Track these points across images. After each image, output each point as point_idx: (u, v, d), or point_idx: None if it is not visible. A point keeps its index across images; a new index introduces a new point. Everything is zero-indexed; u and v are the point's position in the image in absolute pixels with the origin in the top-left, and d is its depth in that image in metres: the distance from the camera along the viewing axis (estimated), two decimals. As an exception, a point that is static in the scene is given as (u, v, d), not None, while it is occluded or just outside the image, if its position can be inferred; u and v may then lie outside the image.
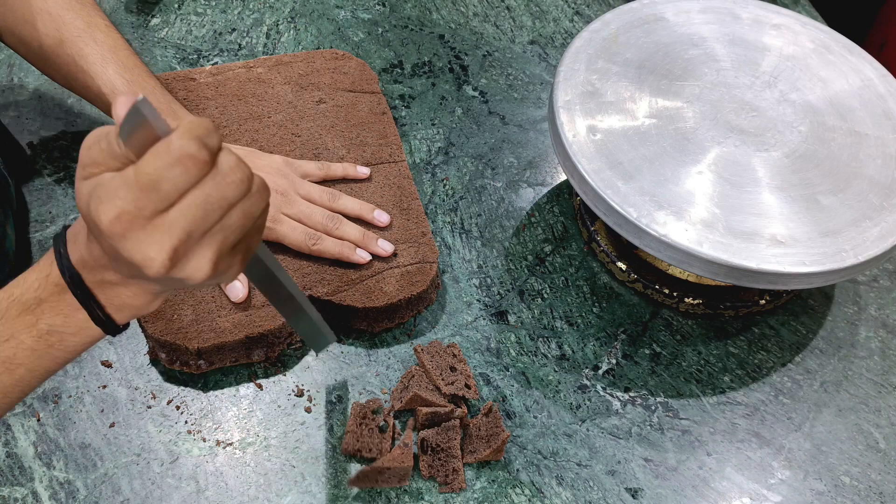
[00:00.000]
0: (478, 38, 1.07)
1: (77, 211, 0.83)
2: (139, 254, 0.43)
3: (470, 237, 0.86)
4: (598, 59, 0.83)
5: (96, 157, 0.43)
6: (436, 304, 0.80)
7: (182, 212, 0.42)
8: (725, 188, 0.74)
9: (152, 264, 0.43)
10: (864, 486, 0.71)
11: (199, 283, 0.45)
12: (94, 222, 0.43)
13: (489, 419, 0.70)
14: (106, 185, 0.42)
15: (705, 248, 0.69)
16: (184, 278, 0.45)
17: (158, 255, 0.43)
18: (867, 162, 0.77)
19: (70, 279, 0.47)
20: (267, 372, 0.74)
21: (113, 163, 0.43)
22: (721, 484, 0.71)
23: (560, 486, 0.70)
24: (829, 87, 0.83)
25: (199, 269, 0.44)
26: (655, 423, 0.74)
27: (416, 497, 0.68)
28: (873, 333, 0.82)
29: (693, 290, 0.81)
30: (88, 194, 0.43)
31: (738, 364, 0.79)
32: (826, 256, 0.70)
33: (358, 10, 1.09)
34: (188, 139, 0.41)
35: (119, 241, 0.42)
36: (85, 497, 0.66)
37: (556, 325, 0.80)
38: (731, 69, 0.84)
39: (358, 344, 0.77)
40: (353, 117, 0.88)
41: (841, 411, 0.76)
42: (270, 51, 1.02)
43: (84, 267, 0.47)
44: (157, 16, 1.04)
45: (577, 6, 1.13)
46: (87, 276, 0.48)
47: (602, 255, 0.84)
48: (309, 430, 0.71)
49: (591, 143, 0.76)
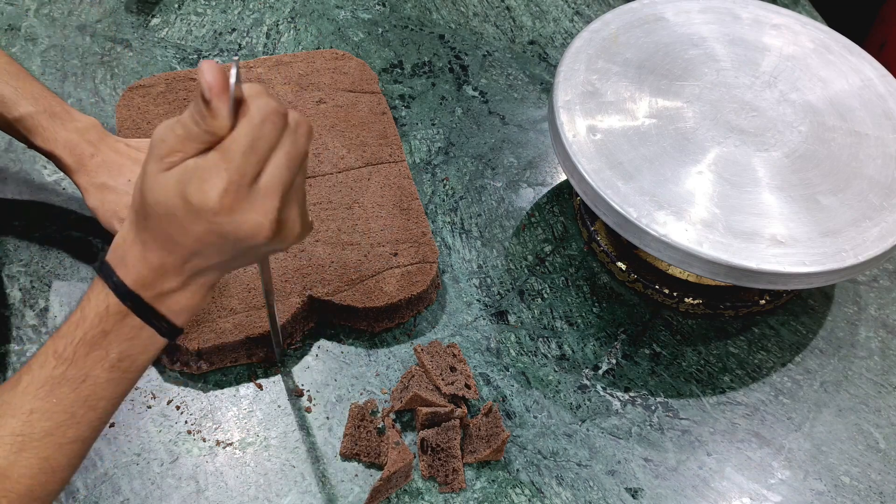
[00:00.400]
0: (478, 38, 1.07)
1: (77, 211, 0.83)
2: (249, 223, 0.44)
3: (470, 237, 0.86)
4: (598, 59, 0.83)
5: (174, 144, 0.44)
6: (436, 304, 0.80)
7: (273, 174, 0.44)
8: (725, 188, 0.74)
9: (262, 230, 0.45)
10: (864, 486, 0.71)
11: (292, 242, 0.48)
12: (200, 205, 0.43)
13: (489, 419, 0.70)
14: (201, 165, 0.43)
15: (705, 248, 0.69)
16: (281, 240, 0.47)
17: (267, 218, 0.44)
18: (867, 162, 0.77)
19: (132, 303, 0.48)
20: (267, 372, 0.74)
21: (192, 146, 0.44)
22: (721, 484, 0.71)
23: (560, 486, 0.70)
24: (829, 87, 0.83)
25: (293, 227, 0.47)
26: (655, 423, 0.74)
27: (416, 497, 0.68)
28: (873, 333, 0.82)
29: (693, 290, 0.81)
30: (179, 182, 0.44)
31: (738, 364, 0.79)
32: (826, 256, 0.70)
33: (358, 10, 1.09)
34: (265, 98, 0.44)
35: (227, 216, 0.44)
36: (85, 497, 0.66)
37: (556, 325, 0.80)
38: (731, 69, 0.84)
39: (358, 344, 0.76)
40: (353, 117, 0.88)
41: (841, 411, 0.76)
42: (270, 51, 1.02)
43: (142, 286, 0.48)
44: (157, 16, 1.04)
45: (577, 6, 1.13)
46: (145, 295, 0.48)
47: (602, 255, 0.84)
48: (309, 430, 0.71)
49: (591, 143, 0.76)
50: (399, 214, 0.80)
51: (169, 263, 0.47)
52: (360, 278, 0.75)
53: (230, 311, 0.72)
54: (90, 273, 0.78)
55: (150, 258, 0.47)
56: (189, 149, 0.44)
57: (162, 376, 0.73)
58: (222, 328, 0.71)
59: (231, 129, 0.44)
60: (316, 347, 0.76)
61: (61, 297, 0.76)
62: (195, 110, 0.43)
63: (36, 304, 0.76)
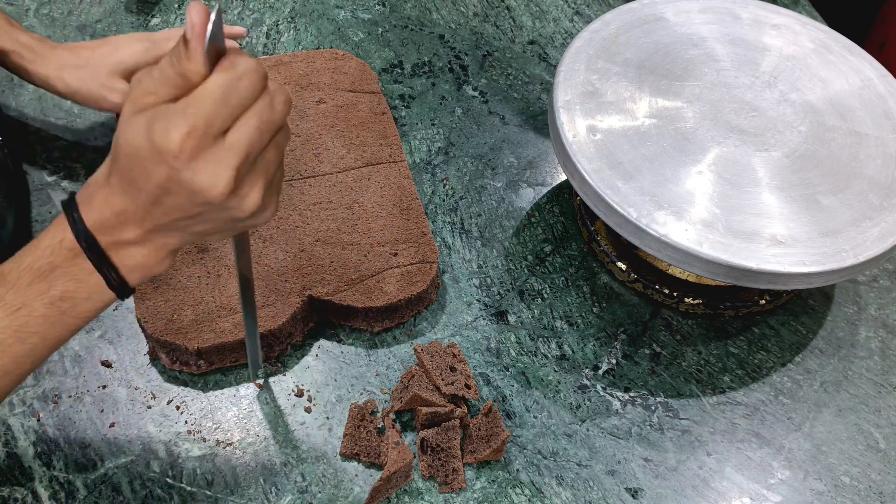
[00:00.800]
0: (478, 38, 1.07)
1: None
2: (205, 173, 0.44)
3: (470, 237, 0.86)
4: (598, 59, 0.83)
5: (149, 86, 0.44)
6: (436, 304, 0.80)
7: (241, 131, 0.44)
8: (725, 188, 0.74)
9: (218, 184, 0.44)
10: (864, 486, 0.71)
11: (247, 215, 0.47)
12: (161, 146, 0.43)
13: (489, 419, 0.70)
14: (171, 109, 0.43)
15: (705, 248, 0.69)
16: (236, 207, 0.46)
17: (224, 173, 0.44)
18: (867, 162, 0.77)
19: (85, 243, 0.47)
20: (267, 372, 0.74)
21: (166, 90, 0.44)
22: (721, 484, 0.71)
23: (560, 486, 0.70)
24: (829, 87, 0.83)
25: (252, 198, 0.46)
26: (655, 423, 0.74)
27: (416, 497, 0.68)
28: (873, 333, 0.82)
29: (693, 290, 0.81)
30: (147, 123, 0.43)
31: (738, 364, 0.79)
32: (826, 256, 0.70)
33: (358, 10, 1.09)
34: (247, 57, 0.44)
35: (186, 163, 0.43)
36: (85, 497, 0.66)
37: (556, 325, 0.80)
38: (731, 69, 0.84)
39: (358, 344, 0.76)
40: (353, 117, 0.88)
41: (841, 411, 0.76)
42: (270, 51, 1.02)
43: (100, 229, 0.47)
44: (157, 16, 1.04)
45: (577, 6, 1.13)
46: (102, 239, 0.47)
47: (602, 255, 0.84)
48: (309, 430, 0.71)
49: (591, 143, 0.76)
50: (399, 214, 0.80)
51: (130, 211, 0.46)
52: (360, 278, 0.75)
53: (230, 311, 0.72)
54: (90, 273, 0.78)
55: (113, 202, 0.46)
56: (163, 92, 0.44)
57: (162, 376, 0.73)
58: (222, 328, 0.71)
59: (207, 77, 0.44)
60: (316, 347, 0.76)
61: (61, 297, 0.76)
62: (173, 52, 0.44)
63: (36, 304, 0.76)
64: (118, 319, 0.76)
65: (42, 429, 0.69)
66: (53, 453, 0.68)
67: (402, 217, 0.80)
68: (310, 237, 0.78)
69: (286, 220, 0.79)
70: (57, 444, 0.68)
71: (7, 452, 0.68)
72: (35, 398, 0.70)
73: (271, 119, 0.45)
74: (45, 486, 0.66)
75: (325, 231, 0.78)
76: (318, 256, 0.76)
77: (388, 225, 0.80)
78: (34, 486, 0.66)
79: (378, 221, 0.80)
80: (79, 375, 0.72)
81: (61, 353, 0.73)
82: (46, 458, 0.67)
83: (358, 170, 0.84)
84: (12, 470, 0.67)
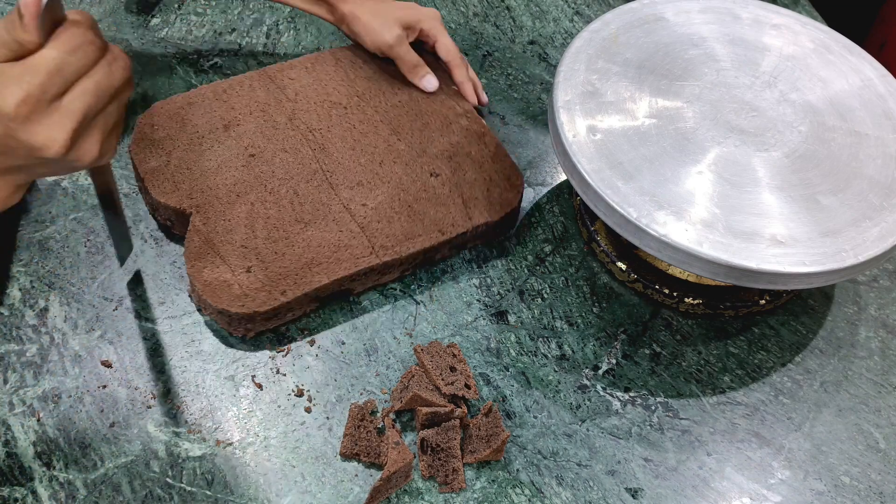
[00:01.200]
0: (478, 38, 1.07)
1: (77, 211, 0.83)
2: (41, 135, 0.46)
3: (470, 237, 0.86)
4: (598, 59, 0.83)
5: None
6: (436, 304, 0.80)
7: (77, 96, 0.46)
8: (725, 188, 0.74)
9: (54, 145, 0.46)
10: (864, 486, 0.72)
11: (86, 164, 0.49)
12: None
13: (489, 419, 0.70)
14: (7, 72, 0.45)
15: (705, 248, 0.69)
16: (75, 160, 0.48)
17: (60, 135, 0.46)
18: (867, 162, 0.77)
19: None
20: (267, 372, 0.74)
21: (3, 53, 0.45)
22: (721, 484, 0.71)
23: (560, 486, 0.70)
24: (829, 87, 0.83)
25: (90, 150, 0.49)
26: (655, 423, 0.74)
27: (416, 497, 0.68)
28: (873, 333, 0.82)
29: (693, 290, 0.81)
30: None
31: (738, 364, 0.79)
32: (826, 256, 0.70)
33: (358, 10, 1.09)
34: (86, 27, 0.46)
35: (22, 124, 0.45)
36: (85, 497, 0.66)
37: (556, 325, 0.80)
38: (731, 69, 0.84)
39: (358, 344, 0.77)
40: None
41: (841, 411, 0.76)
42: (270, 51, 1.02)
43: None
44: (157, 16, 1.04)
45: (577, 6, 1.13)
46: None
47: (602, 255, 0.84)
48: (309, 430, 0.71)
49: (591, 143, 0.76)
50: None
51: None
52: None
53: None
54: (90, 273, 0.78)
55: None
56: (1, 53, 0.45)
57: (162, 376, 0.73)
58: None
59: (42, 45, 0.45)
60: (316, 347, 0.76)
61: (61, 297, 0.76)
62: (9, 18, 0.45)
63: (36, 304, 0.76)
64: (118, 319, 0.76)
65: (42, 429, 0.69)
66: (53, 453, 0.68)
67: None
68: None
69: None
70: (57, 444, 0.68)
71: (7, 452, 0.68)
72: (35, 398, 0.71)
73: (109, 84, 0.47)
74: (45, 486, 0.66)
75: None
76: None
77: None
78: (34, 486, 0.66)
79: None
80: (79, 375, 0.72)
81: (61, 353, 0.73)
82: (46, 458, 0.67)
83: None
84: (12, 470, 0.67)
